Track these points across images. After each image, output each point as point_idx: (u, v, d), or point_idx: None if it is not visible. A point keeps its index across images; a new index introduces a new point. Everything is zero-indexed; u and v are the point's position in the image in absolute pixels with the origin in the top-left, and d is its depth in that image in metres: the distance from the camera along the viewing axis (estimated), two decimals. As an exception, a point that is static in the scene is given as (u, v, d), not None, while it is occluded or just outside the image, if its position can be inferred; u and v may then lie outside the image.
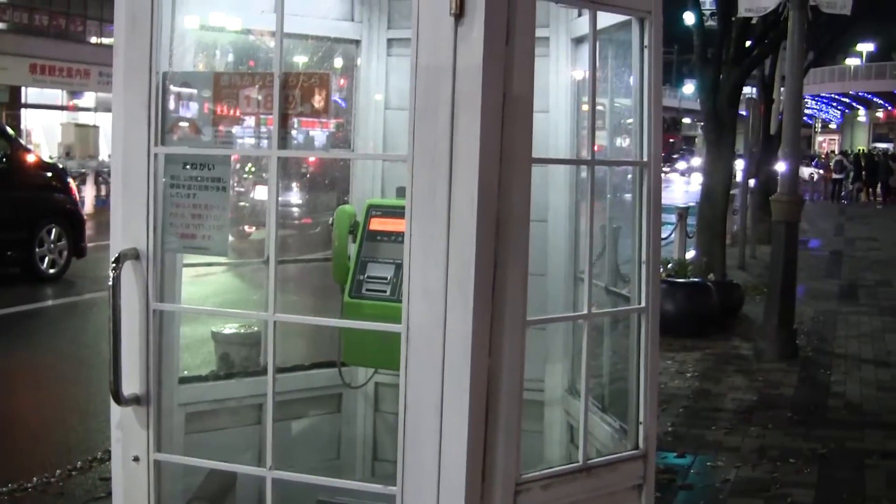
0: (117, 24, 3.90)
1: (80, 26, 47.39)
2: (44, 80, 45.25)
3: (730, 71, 16.37)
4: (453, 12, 3.30)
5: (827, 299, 17.44)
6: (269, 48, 4.56)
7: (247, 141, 3.88)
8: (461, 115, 3.34)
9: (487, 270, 3.42)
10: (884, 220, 38.11)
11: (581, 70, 4.89)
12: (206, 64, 4.78)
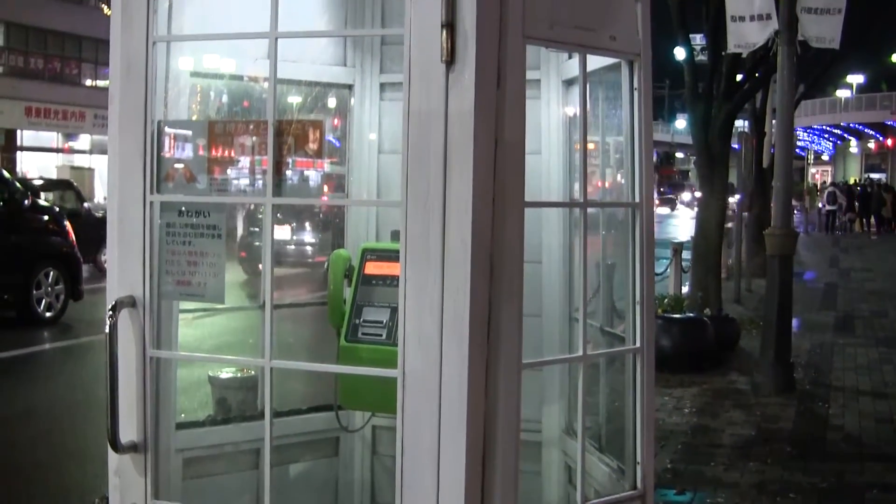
0: (113, 71, 3.94)
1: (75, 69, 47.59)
2: (39, 122, 45.41)
3: (721, 105, 16.44)
4: (444, 59, 3.34)
5: (823, 331, 17.46)
6: (263, 89, 4.59)
7: (242, 182, 3.89)
8: (454, 160, 3.37)
9: (482, 314, 3.44)
10: (878, 251, 38.18)
11: (572, 108, 4.93)
12: (201, 107, 4.81)
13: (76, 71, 47.56)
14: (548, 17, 3.63)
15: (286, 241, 19.42)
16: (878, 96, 74.98)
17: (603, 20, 3.88)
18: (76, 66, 47.46)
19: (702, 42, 20.34)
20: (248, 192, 3.89)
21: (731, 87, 16.64)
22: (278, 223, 20.21)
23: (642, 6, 4.01)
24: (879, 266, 30.97)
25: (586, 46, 3.84)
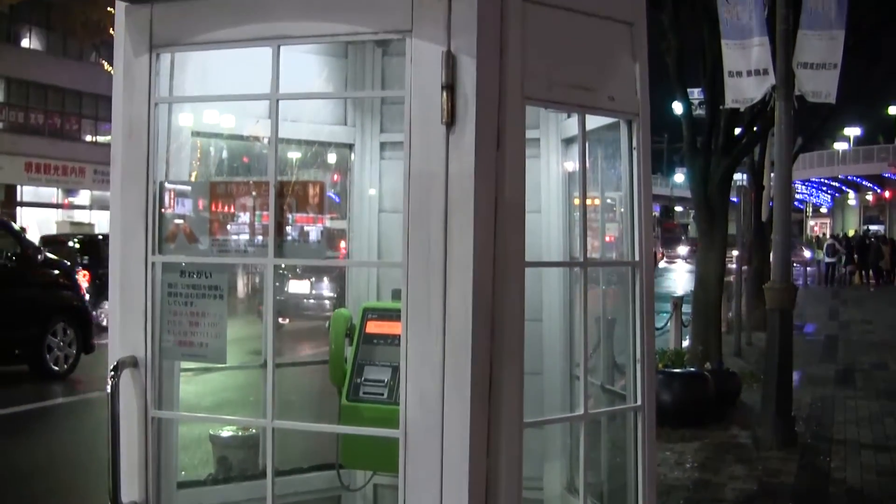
0: (114, 132, 3.97)
1: (75, 125, 47.81)
2: (39, 178, 45.54)
3: (720, 160, 16.52)
4: (445, 121, 3.37)
5: (824, 384, 17.42)
6: (263, 145, 4.64)
7: (242, 238, 3.91)
8: (454, 221, 3.39)
9: (483, 373, 3.45)
10: (877, 303, 38.18)
11: (572, 166, 4.96)
12: (201, 165, 4.84)
13: (76, 126, 47.78)
14: (547, 78, 3.67)
15: (305, 294, 19.47)
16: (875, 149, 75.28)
17: (601, 80, 3.92)
18: (76, 122, 47.69)
19: (700, 96, 20.47)
20: (249, 252, 3.90)
21: (729, 141, 16.72)
22: (297, 277, 20.34)
23: (640, 66, 4.05)
24: (879, 318, 30.94)
25: (585, 107, 3.88)
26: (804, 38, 12.23)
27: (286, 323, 18.25)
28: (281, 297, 20.03)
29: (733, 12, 12.52)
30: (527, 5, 3.60)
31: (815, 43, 12.27)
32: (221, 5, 3.77)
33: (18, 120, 45.25)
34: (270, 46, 3.65)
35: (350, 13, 3.54)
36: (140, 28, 3.87)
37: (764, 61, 12.40)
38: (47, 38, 45.72)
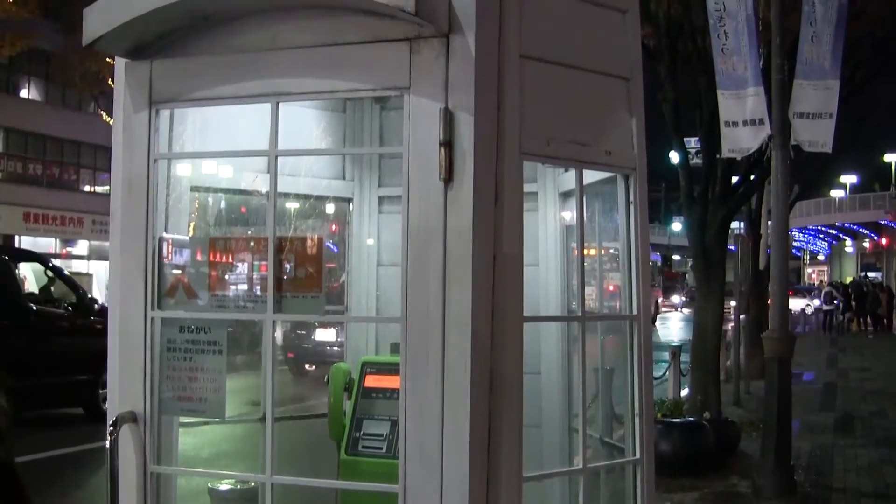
0: (114, 187, 4.00)
1: (73, 175, 47.90)
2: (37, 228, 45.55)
3: (717, 209, 16.55)
4: (443, 177, 3.40)
5: (823, 432, 17.36)
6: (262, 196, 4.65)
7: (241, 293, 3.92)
8: (453, 276, 3.41)
9: (482, 428, 3.46)
10: (875, 350, 38.11)
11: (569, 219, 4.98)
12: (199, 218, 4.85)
13: (75, 177, 47.87)
14: (544, 133, 3.70)
15: (331, 342, 19.51)
16: (871, 196, 75.47)
17: (598, 135, 3.96)
18: (75, 172, 47.77)
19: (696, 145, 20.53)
20: (248, 308, 3.91)
21: (726, 190, 16.76)
22: (323, 326, 20.36)
23: (637, 121, 4.09)
24: (877, 365, 30.88)
25: (582, 162, 3.91)
26: (800, 88, 12.29)
27: (313, 369, 18.80)
28: (308, 346, 20.18)
29: (729, 63, 12.59)
30: (524, 61, 3.64)
31: (810, 93, 12.34)
32: (221, 62, 3.81)
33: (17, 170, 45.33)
34: (269, 103, 3.69)
35: (349, 71, 3.57)
36: (140, 84, 3.91)
37: (760, 111, 12.45)
38: (46, 88, 45.91)
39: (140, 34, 3.85)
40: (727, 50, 12.52)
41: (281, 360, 6.70)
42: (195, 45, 3.87)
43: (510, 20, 3.61)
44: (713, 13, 12.52)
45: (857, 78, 17.25)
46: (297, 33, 3.68)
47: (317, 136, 5.19)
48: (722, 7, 12.43)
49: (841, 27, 12.39)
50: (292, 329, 14.25)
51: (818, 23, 12.26)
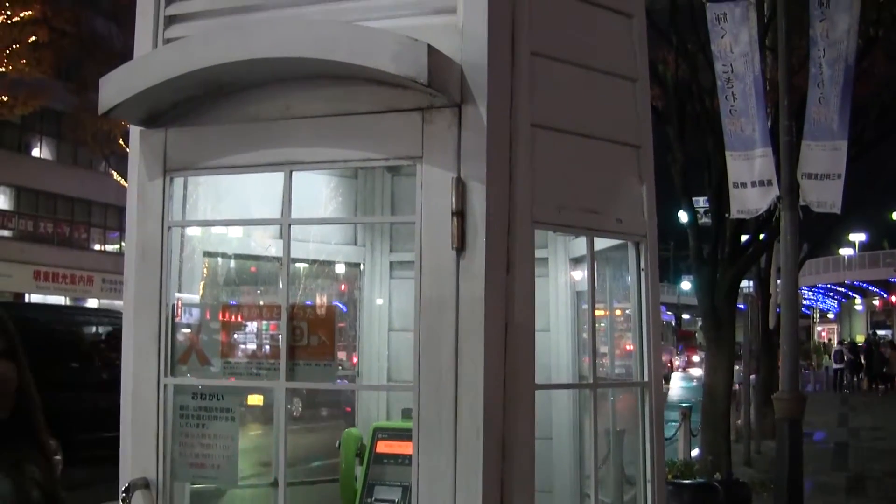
0: (128, 254, 4.02)
1: (84, 233, 48.06)
2: (47, 286, 45.63)
3: (726, 269, 16.54)
4: (455, 246, 3.42)
5: (835, 493, 17.22)
6: (271, 256, 4.68)
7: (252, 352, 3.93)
8: (465, 345, 3.42)
9: (495, 495, 3.46)
10: (886, 409, 37.86)
11: (580, 285, 4.99)
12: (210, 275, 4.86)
13: (85, 235, 48.03)
14: (556, 201, 3.73)
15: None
16: (880, 254, 75.36)
17: (609, 203, 3.98)
18: (85, 231, 47.95)
19: (705, 205, 20.57)
20: (261, 375, 3.92)
21: (735, 250, 16.76)
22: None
23: (647, 188, 4.12)
24: (889, 424, 30.66)
25: (593, 230, 3.94)
26: (808, 149, 12.34)
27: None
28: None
29: (737, 124, 12.66)
30: (535, 130, 3.68)
31: (818, 154, 12.38)
32: (234, 131, 3.85)
33: (28, 228, 45.51)
34: (283, 172, 3.72)
35: (361, 140, 3.61)
36: (154, 152, 3.94)
37: (768, 172, 12.49)
38: (58, 147, 46.20)
39: (155, 103, 3.89)
40: (735, 111, 12.59)
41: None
42: (209, 114, 3.91)
43: (521, 90, 3.65)
44: (721, 75, 12.60)
45: (864, 138, 17.30)
46: (310, 102, 3.72)
47: (328, 202, 5.23)
48: (729, 69, 12.52)
49: (848, 89, 12.44)
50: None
51: (825, 84, 12.32)
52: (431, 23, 3.65)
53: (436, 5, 3.68)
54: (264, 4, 3.95)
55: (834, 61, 12.26)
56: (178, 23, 4.11)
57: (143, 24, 4.14)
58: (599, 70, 4.03)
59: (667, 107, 16.32)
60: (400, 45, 3.37)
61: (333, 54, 3.47)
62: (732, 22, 12.41)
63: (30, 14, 28.41)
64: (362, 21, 3.70)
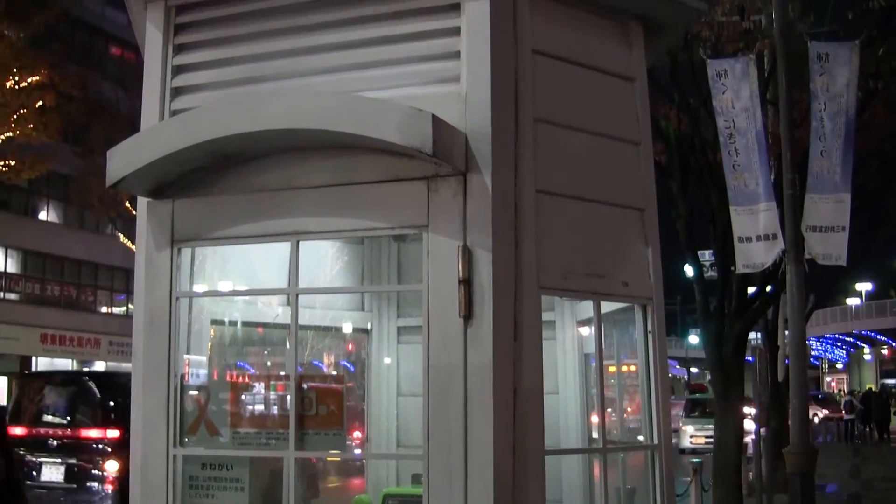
0: (136, 325, 4.03)
1: (90, 296, 48.06)
2: (54, 349, 45.57)
3: (733, 323, 16.52)
4: (462, 314, 3.44)
5: (850, 547, 17.09)
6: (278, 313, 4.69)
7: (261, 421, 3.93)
8: (474, 412, 3.43)
9: (506, 563, 3.44)
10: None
11: (588, 347, 4.99)
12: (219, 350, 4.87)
13: (92, 298, 48.01)
14: (561, 267, 3.74)
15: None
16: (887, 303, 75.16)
17: (615, 267, 4.00)
18: (92, 293, 47.94)
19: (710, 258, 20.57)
20: (271, 445, 3.92)
21: (742, 304, 16.74)
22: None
23: (653, 251, 4.13)
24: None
25: (600, 294, 3.95)
26: (811, 202, 12.36)
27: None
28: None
29: (740, 179, 12.70)
30: (540, 196, 3.71)
31: (822, 207, 12.40)
32: (241, 201, 3.87)
33: (35, 291, 45.52)
34: (289, 241, 3.74)
35: (367, 210, 3.64)
36: (162, 223, 3.97)
37: (772, 226, 12.51)
38: (65, 210, 46.32)
39: (162, 175, 3.92)
40: (738, 166, 12.64)
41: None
42: (215, 185, 3.94)
43: (525, 157, 3.68)
44: (723, 130, 12.66)
45: (867, 190, 17.34)
46: (315, 173, 3.75)
47: (335, 268, 5.25)
48: (731, 124, 12.58)
49: (850, 141, 12.50)
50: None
51: (827, 138, 12.38)
52: (435, 92, 3.69)
53: (439, 75, 3.73)
54: (270, 75, 4.00)
55: (835, 115, 12.33)
56: (184, 94, 4.15)
57: (149, 96, 4.19)
58: (602, 135, 4.06)
59: (669, 161, 16.38)
60: (404, 116, 3.40)
61: (339, 125, 3.51)
62: (733, 78, 12.48)
63: (37, 79, 28.63)
64: (367, 91, 3.75)
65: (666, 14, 4.32)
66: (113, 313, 47.54)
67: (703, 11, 4.48)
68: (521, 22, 3.83)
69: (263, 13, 4.04)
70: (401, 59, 3.81)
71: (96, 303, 48.52)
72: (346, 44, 3.89)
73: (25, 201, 45.04)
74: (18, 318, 43.08)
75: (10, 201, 43.47)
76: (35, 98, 28.78)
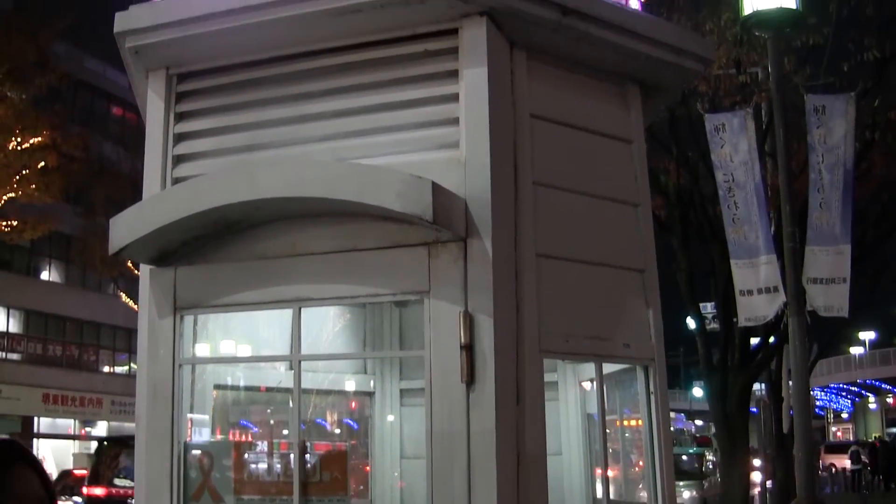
0: (139, 392, 4.04)
1: (93, 356, 47.93)
2: (56, 409, 45.38)
3: (737, 376, 16.49)
4: (464, 379, 3.44)
5: None
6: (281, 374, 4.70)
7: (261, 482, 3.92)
8: (478, 477, 3.43)
9: None
10: (907, 510, 37.33)
11: (590, 407, 4.99)
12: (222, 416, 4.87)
13: (94, 357, 47.85)
14: (563, 330, 3.75)
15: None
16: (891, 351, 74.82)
17: (616, 328, 4.01)
18: (94, 353, 47.78)
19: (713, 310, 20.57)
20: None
21: (745, 357, 16.71)
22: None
23: (654, 312, 4.14)
24: (910, 526, 30.24)
25: (601, 356, 3.96)
26: (811, 254, 12.37)
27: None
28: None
29: (740, 232, 12.73)
30: (540, 260, 3.73)
31: (822, 258, 12.41)
32: (242, 269, 3.89)
33: (37, 351, 45.38)
34: (291, 308, 3.76)
35: (369, 276, 3.65)
36: (164, 290, 3.99)
37: (773, 279, 12.52)
38: (66, 270, 46.30)
39: (164, 243, 3.94)
40: (738, 220, 12.67)
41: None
42: (217, 252, 3.96)
43: (525, 221, 3.71)
44: (722, 184, 12.70)
45: (867, 239, 17.37)
46: (316, 240, 3.77)
47: (337, 331, 5.26)
48: (730, 178, 12.63)
49: (848, 192, 12.54)
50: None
51: (826, 189, 12.42)
52: (435, 157, 3.72)
53: (439, 141, 3.76)
54: (270, 143, 4.04)
55: (833, 166, 12.38)
56: (186, 162, 4.18)
57: (151, 163, 4.22)
58: (602, 197, 4.09)
59: (669, 216, 16.43)
60: (405, 184, 3.43)
61: (339, 193, 3.53)
62: (731, 132, 12.55)
63: (40, 140, 28.77)
64: (367, 157, 3.78)
65: (664, 76, 4.36)
66: (115, 373, 47.40)
67: (700, 72, 4.52)
68: (519, 87, 3.87)
69: (263, 81, 4.09)
70: (400, 126, 3.84)
71: (98, 362, 48.39)
72: (345, 111, 3.93)
73: (28, 261, 45.07)
74: (20, 378, 42.97)
75: (13, 261, 43.50)
76: (37, 159, 28.89)
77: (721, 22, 15.31)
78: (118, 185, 32.47)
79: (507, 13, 3.79)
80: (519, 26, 3.86)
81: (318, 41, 3.97)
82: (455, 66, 3.78)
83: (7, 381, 41.30)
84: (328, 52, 3.98)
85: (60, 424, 46.96)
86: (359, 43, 3.93)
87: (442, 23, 3.81)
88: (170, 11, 4.11)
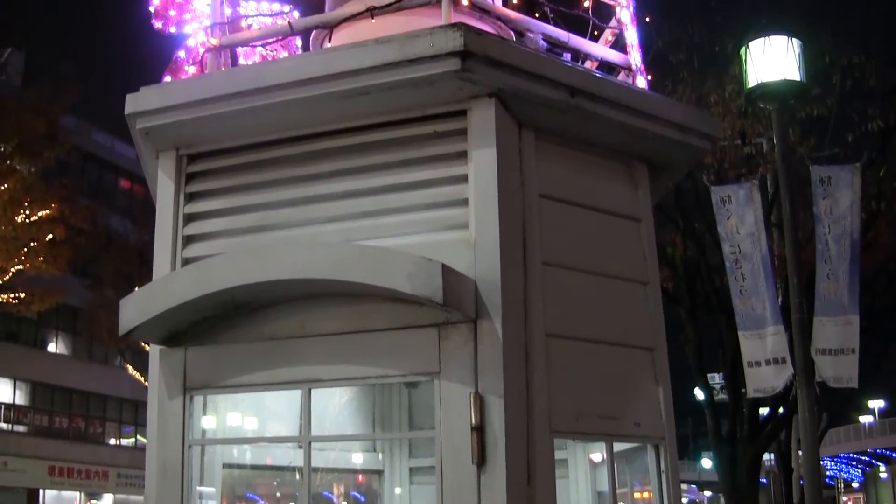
0: (148, 472, 4.03)
1: (99, 428, 47.77)
2: (62, 482, 45.14)
3: (746, 448, 16.39)
4: (475, 461, 3.43)
5: None
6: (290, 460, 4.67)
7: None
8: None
9: None
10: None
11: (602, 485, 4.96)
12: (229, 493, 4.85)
13: (100, 430, 47.67)
14: (573, 409, 3.75)
15: None
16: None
17: (626, 407, 4.00)
18: (100, 426, 47.61)
19: (721, 381, 20.50)
20: None
21: (754, 428, 16.63)
22: None
23: (664, 390, 4.13)
24: None
25: (612, 435, 3.95)
26: (820, 324, 12.33)
27: None
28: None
29: (748, 304, 12.70)
30: (550, 340, 3.73)
31: (831, 329, 12.37)
32: (252, 349, 3.90)
33: (43, 423, 45.24)
34: (301, 389, 3.75)
35: (378, 357, 3.65)
36: (174, 371, 3.99)
37: (781, 350, 12.47)
38: (73, 342, 46.28)
39: (174, 323, 3.95)
40: (745, 291, 12.66)
41: None
42: (227, 333, 3.97)
43: (534, 301, 3.72)
44: (729, 256, 12.70)
45: (875, 308, 17.34)
46: (326, 321, 3.78)
47: (345, 410, 5.25)
48: (737, 250, 12.63)
49: (855, 263, 12.53)
50: None
51: (833, 260, 12.42)
52: (444, 239, 3.73)
53: (448, 222, 3.78)
54: (280, 223, 4.06)
55: (839, 237, 12.39)
56: (196, 242, 4.20)
57: (161, 244, 4.24)
58: (610, 276, 4.10)
59: (677, 287, 16.43)
60: (414, 266, 3.44)
61: (349, 275, 3.54)
62: (737, 203, 12.57)
63: (48, 213, 28.91)
64: (376, 238, 3.80)
65: (671, 154, 4.39)
66: (122, 445, 47.19)
67: (707, 150, 4.54)
68: (527, 167, 3.90)
69: (273, 162, 4.12)
70: (409, 207, 3.86)
71: (105, 435, 48.19)
72: (354, 192, 3.95)
73: (35, 333, 45.07)
74: (26, 450, 42.80)
75: (20, 333, 43.51)
76: (45, 231, 29.01)
77: (726, 94, 15.44)
78: (126, 258, 32.59)
79: (516, 94, 3.82)
80: (527, 107, 3.89)
81: (327, 122, 4.00)
82: (464, 146, 3.81)
83: (13, 454, 41.14)
84: (337, 133, 4.01)
85: (66, 497, 46.71)
86: (368, 124, 3.96)
87: (451, 104, 3.85)
88: (179, 93, 4.16)
